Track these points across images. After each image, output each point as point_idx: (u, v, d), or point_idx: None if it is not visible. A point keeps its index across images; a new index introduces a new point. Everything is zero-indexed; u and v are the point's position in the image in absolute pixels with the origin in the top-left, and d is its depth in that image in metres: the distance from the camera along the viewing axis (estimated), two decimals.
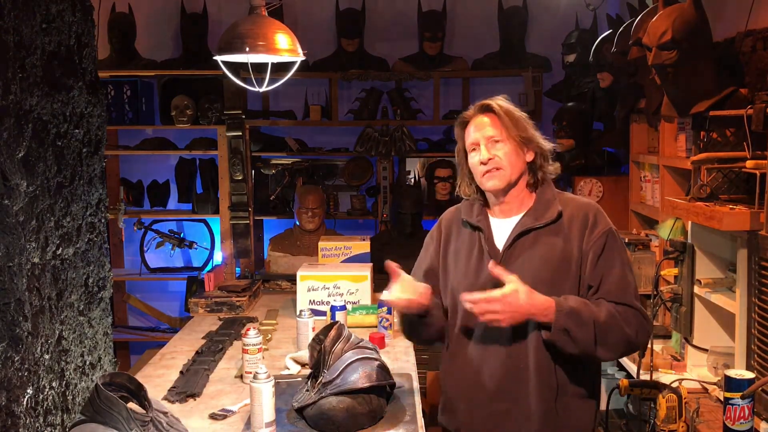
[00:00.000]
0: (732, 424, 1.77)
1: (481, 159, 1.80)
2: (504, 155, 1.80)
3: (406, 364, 2.46)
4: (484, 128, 1.83)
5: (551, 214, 1.80)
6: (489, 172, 1.80)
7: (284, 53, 2.58)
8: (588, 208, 1.82)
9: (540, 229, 1.80)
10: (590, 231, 1.78)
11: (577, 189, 3.43)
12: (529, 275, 1.72)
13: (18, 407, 1.48)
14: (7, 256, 1.44)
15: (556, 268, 1.76)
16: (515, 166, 1.81)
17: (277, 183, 4.37)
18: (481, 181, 1.84)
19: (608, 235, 1.77)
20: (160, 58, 4.32)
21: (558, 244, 1.78)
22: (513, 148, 1.81)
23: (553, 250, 1.77)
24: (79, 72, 1.80)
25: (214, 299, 3.17)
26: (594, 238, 1.77)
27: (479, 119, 1.85)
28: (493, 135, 1.81)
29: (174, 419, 1.75)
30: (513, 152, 1.80)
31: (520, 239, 1.80)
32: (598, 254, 1.76)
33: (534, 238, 1.79)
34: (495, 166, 1.79)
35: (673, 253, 2.38)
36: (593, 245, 1.76)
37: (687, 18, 2.22)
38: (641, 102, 3.04)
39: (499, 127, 1.81)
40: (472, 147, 1.84)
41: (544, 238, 1.79)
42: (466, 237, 1.90)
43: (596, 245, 1.76)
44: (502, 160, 1.79)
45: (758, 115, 1.96)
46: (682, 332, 2.41)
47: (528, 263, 1.77)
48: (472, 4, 4.35)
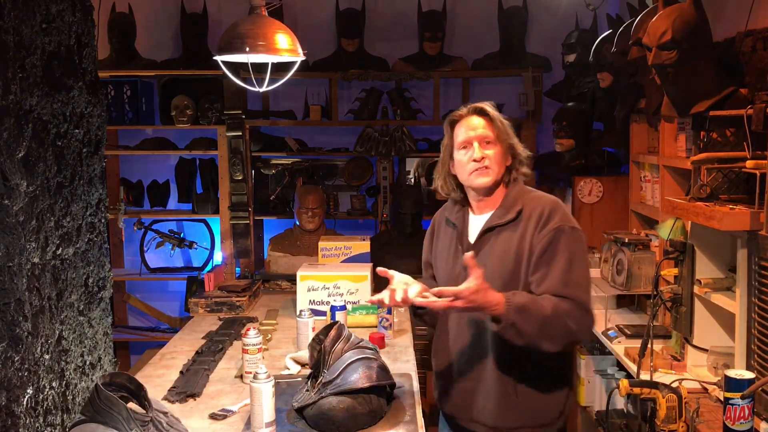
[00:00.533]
0: (732, 424, 1.77)
1: (475, 157, 1.95)
2: (493, 156, 1.97)
3: (406, 364, 2.46)
4: (478, 129, 1.97)
5: (512, 214, 1.96)
6: (479, 170, 1.96)
7: (284, 53, 2.58)
8: (544, 206, 1.96)
9: (502, 226, 1.97)
10: (540, 228, 1.92)
11: (577, 189, 3.43)
12: (489, 268, 1.86)
13: (18, 407, 1.48)
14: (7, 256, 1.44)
15: (512, 262, 1.92)
16: (501, 167, 1.99)
17: (277, 183, 4.37)
18: (469, 178, 1.99)
19: (556, 231, 1.90)
20: (160, 58, 4.32)
21: (514, 240, 1.94)
22: (500, 151, 1.98)
23: (510, 246, 1.94)
24: (79, 72, 1.80)
25: (214, 299, 3.17)
26: (542, 235, 1.91)
27: (473, 120, 1.99)
28: (486, 136, 1.97)
29: (174, 419, 1.75)
30: (500, 155, 1.98)
31: (485, 235, 1.99)
32: (543, 250, 1.89)
33: (496, 235, 1.97)
34: (485, 165, 1.96)
35: (673, 253, 2.38)
36: (540, 241, 1.90)
37: (687, 18, 2.22)
38: (641, 102, 3.04)
39: (492, 130, 1.97)
40: (463, 145, 1.98)
41: (504, 234, 1.96)
42: (448, 232, 2.11)
43: (542, 241, 1.90)
44: (491, 159, 1.96)
45: (758, 115, 1.96)
46: (682, 332, 2.41)
47: (489, 257, 1.94)
48: (472, 4, 4.35)
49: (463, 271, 1.86)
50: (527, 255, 1.92)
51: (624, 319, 3.07)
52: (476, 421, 2.02)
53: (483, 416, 2.00)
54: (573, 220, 1.97)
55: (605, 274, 2.94)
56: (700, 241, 2.33)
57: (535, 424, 1.98)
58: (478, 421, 2.01)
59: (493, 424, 1.99)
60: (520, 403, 1.95)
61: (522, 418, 1.97)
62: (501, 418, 1.98)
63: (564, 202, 3.66)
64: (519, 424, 1.98)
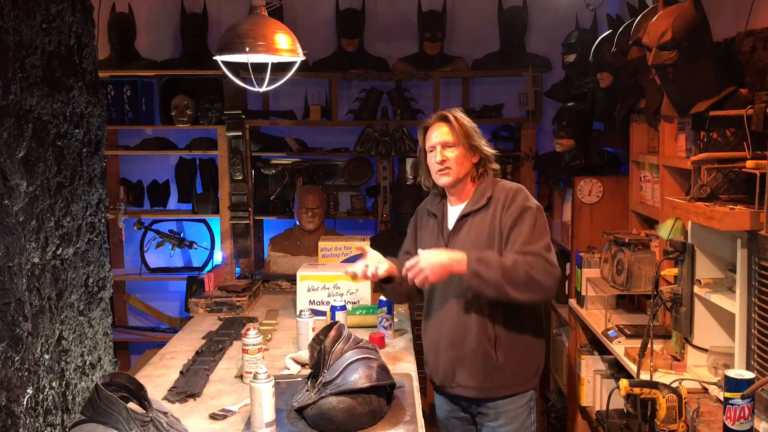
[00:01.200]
0: (732, 424, 1.77)
1: (437, 160, 2.29)
2: (454, 158, 2.29)
3: (406, 364, 2.46)
4: (441, 135, 2.30)
5: (483, 201, 2.30)
6: (441, 171, 2.30)
7: (284, 53, 2.58)
8: (509, 190, 2.30)
9: (475, 212, 2.30)
10: (507, 207, 2.26)
11: (577, 189, 3.43)
12: (465, 247, 2.21)
13: (18, 407, 1.48)
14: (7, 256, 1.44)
15: (485, 242, 2.25)
16: (463, 166, 2.30)
17: (277, 183, 4.37)
18: (435, 177, 2.34)
19: (521, 209, 2.24)
20: (160, 58, 4.32)
21: (486, 222, 2.28)
22: (462, 152, 2.29)
23: (482, 228, 2.28)
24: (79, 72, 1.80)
25: (214, 299, 3.17)
26: (509, 213, 2.24)
27: (438, 126, 2.32)
28: (447, 141, 2.29)
29: (174, 419, 1.75)
30: (461, 156, 2.29)
31: (461, 221, 2.33)
32: (511, 225, 2.23)
33: (470, 220, 2.31)
34: (447, 167, 2.29)
35: (673, 253, 2.38)
36: (507, 219, 2.24)
37: (687, 18, 2.22)
38: (641, 102, 3.04)
39: (452, 134, 2.29)
40: (431, 149, 2.32)
41: (477, 219, 2.30)
42: (430, 222, 2.44)
43: (509, 219, 2.24)
44: (452, 161, 2.28)
45: (758, 115, 1.96)
46: (682, 332, 2.40)
47: (465, 240, 2.29)
48: (472, 4, 4.35)
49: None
50: (498, 233, 2.24)
51: (624, 319, 3.07)
52: (463, 385, 2.31)
53: (469, 381, 2.29)
54: (534, 200, 2.30)
55: (605, 274, 2.94)
56: (700, 241, 2.33)
57: (516, 382, 2.30)
58: (465, 386, 2.30)
59: (479, 386, 2.28)
60: (501, 365, 2.26)
61: (504, 379, 2.28)
62: (486, 380, 2.27)
63: (564, 202, 3.71)
64: (501, 383, 2.28)
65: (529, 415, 2.35)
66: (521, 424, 2.33)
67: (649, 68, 2.37)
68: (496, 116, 4.20)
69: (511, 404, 2.31)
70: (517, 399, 2.32)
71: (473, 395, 2.32)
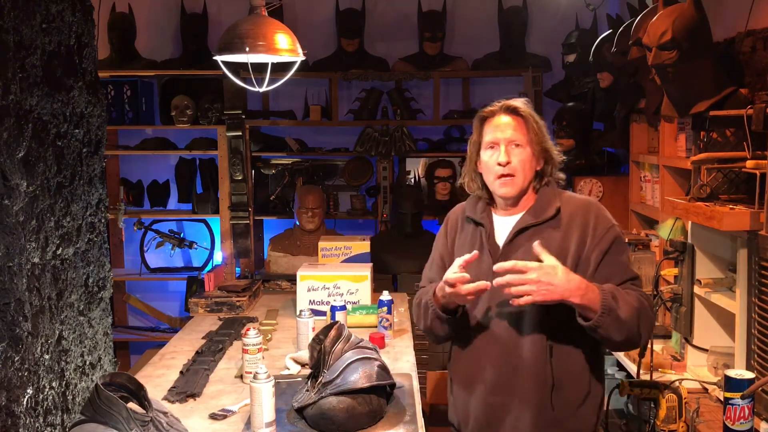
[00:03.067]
0: (732, 424, 1.77)
1: (500, 161, 1.81)
2: (520, 162, 1.82)
3: (406, 364, 2.46)
4: (507, 130, 1.83)
5: (550, 212, 1.83)
6: (503, 177, 1.82)
7: (284, 53, 2.58)
8: (587, 207, 1.85)
9: (539, 225, 1.83)
10: (593, 230, 1.80)
11: (577, 189, 3.43)
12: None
13: (18, 407, 1.48)
14: (7, 256, 1.44)
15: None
16: (528, 173, 1.85)
17: (277, 183, 4.37)
18: (493, 184, 1.86)
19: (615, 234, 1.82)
20: (160, 58, 4.32)
21: (556, 238, 1.80)
22: (530, 155, 1.84)
23: (551, 245, 1.77)
24: (79, 72, 1.80)
25: (214, 299, 3.17)
26: (598, 238, 1.79)
27: (503, 119, 1.85)
28: (515, 139, 1.82)
29: (174, 419, 1.75)
30: (529, 159, 1.84)
31: (519, 235, 1.83)
32: (604, 251, 1.79)
33: (532, 234, 1.81)
34: (510, 172, 1.82)
35: (673, 253, 2.38)
36: (598, 243, 1.79)
37: (687, 18, 2.22)
38: (641, 102, 3.04)
39: (522, 131, 1.83)
40: (490, 145, 1.85)
41: (543, 233, 1.81)
42: (470, 232, 1.93)
43: (602, 243, 1.79)
44: (517, 166, 1.82)
45: (758, 115, 1.96)
46: (682, 332, 2.40)
47: (525, 258, 1.74)
48: (472, 4, 4.35)
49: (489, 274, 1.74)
50: (573, 256, 1.78)
51: None
52: None
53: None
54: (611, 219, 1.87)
55: None
56: (700, 241, 2.33)
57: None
58: None
59: None
60: (557, 417, 1.79)
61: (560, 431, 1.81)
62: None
63: None
64: None
65: None
66: None
67: (649, 68, 2.37)
68: None
69: None
70: None
71: None
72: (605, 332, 1.68)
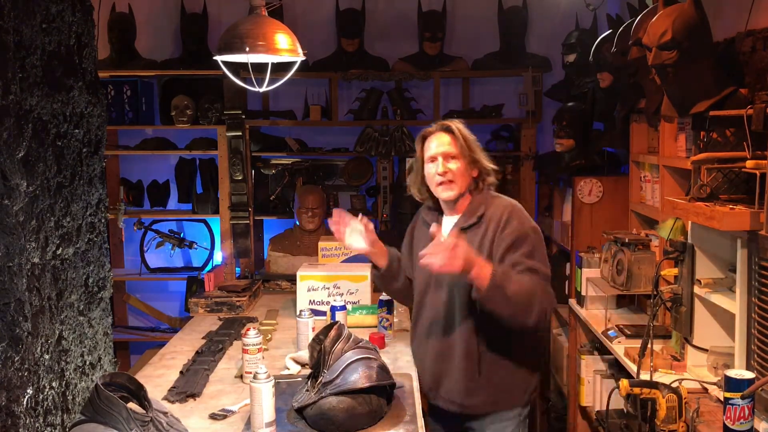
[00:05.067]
0: (732, 424, 1.77)
1: (439, 171, 2.22)
2: (456, 170, 2.23)
3: (406, 364, 2.46)
4: (444, 145, 2.23)
5: (474, 219, 2.25)
6: (443, 184, 2.24)
7: (284, 53, 2.58)
8: (504, 210, 2.23)
9: (466, 229, 2.25)
10: (502, 229, 2.19)
11: (577, 189, 3.43)
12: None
13: (18, 407, 1.48)
14: (7, 256, 1.44)
15: None
16: (464, 179, 2.25)
17: (277, 183, 4.37)
18: (436, 190, 2.27)
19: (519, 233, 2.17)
20: (160, 58, 4.32)
21: (476, 241, 2.21)
22: (464, 165, 2.24)
23: (474, 242, 2.19)
24: (79, 72, 1.80)
25: (214, 299, 3.17)
26: (504, 236, 2.18)
27: (440, 136, 2.25)
28: (450, 152, 2.23)
29: (174, 419, 1.75)
30: (463, 168, 2.24)
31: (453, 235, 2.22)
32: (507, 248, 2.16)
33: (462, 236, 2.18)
34: (449, 179, 2.22)
35: (673, 253, 2.38)
36: (502, 242, 2.18)
37: (687, 18, 2.22)
38: (641, 102, 3.04)
39: (456, 146, 2.23)
40: (431, 159, 2.25)
41: (468, 235, 2.22)
42: (425, 231, 2.30)
43: (505, 241, 2.17)
44: (455, 174, 2.22)
45: (758, 115, 1.96)
46: (682, 332, 2.40)
47: None
48: (472, 4, 4.35)
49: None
50: (488, 252, 2.18)
51: (624, 319, 3.07)
52: (446, 398, 2.29)
53: (451, 395, 2.27)
54: (531, 221, 2.25)
55: (605, 274, 2.94)
56: (700, 241, 2.33)
57: (498, 401, 2.26)
58: (448, 399, 2.29)
59: (460, 402, 2.26)
60: (483, 385, 2.22)
61: (486, 398, 2.24)
62: (467, 397, 2.24)
63: (564, 203, 3.70)
64: (481, 402, 2.25)
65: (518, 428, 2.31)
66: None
67: (649, 68, 2.37)
68: (496, 116, 4.20)
69: (495, 422, 2.28)
70: (501, 416, 2.28)
71: (456, 409, 2.29)
72: (493, 305, 2.05)
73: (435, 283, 2.30)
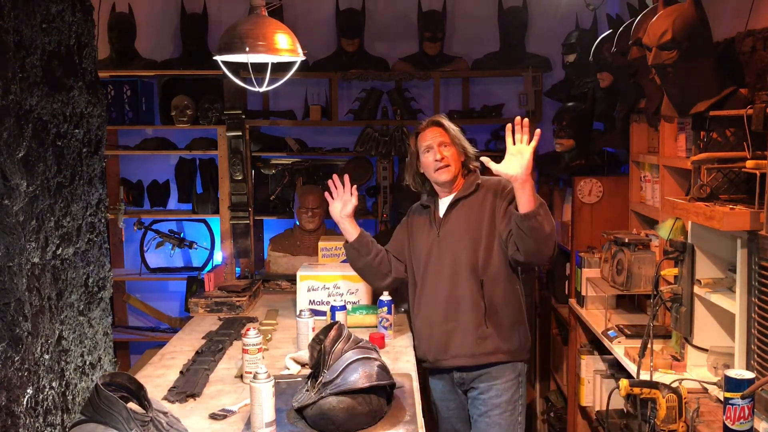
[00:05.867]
0: (732, 424, 1.77)
1: (436, 157, 2.54)
2: (450, 155, 2.57)
3: (406, 364, 2.46)
4: (437, 136, 2.58)
5: (472, 188, 2.58)
6: (441, 168, 2.55)
7: (284, 53, 2.58)
8: (500, 180, 2.51)
9: (464, 198, 2.57)
10: (501, 191, 2.53)
11: (577, 189, 3.43)
12: (458, 228, 2.55)
13: (18, 407, 1.48)
14: (7, 256, 1.44)
15: (474, 221, 2.53)
16: (457, 162, 2.59)
17: (277, 183, 4.37)
18: (434, 175, 2.57)
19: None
20: (160, 58, 4.32)
21: (475, 205, 2.56)
22: (455, 151, 2.59)
23: (472, 210, 2.55)
24: (79, 72, 1.80)
25: (214, 299, 3.17)
26: (504, 194, 2.51)
27: (432, 129, 2.60)
28: (443, 141, 2.57)
29: (174, 419, 1.75)
30: (455, 153, 2.59)
31: (452, 207, 2.59)
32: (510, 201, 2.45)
33: (461, 205, 2.58)
34: (445, 164, 2.55)
35: (673, 253, 2.38)
36: (505, 198, 2.50)
37: (687, 18, 2.22)
38: (641, 102, 3.04)
39: (447, 136, 2.58)
40: (428, 148, 2.57)
41: (466, 203, 2.57)
42: (423, 213, 2.70)
43: (508, 197, 2.48)
44: (449, 159, 2.56)
45: (758, 115, 1.95)
46: (682, 332, 2.40)
47: (456, 222, 2.57)
48: (472, 4, 4.35)
49: (437, 237, 2.58)
50: (488, 216, 2.52)
51: (624, 319, 3.07)
52: (456, 355, 2.52)
53: (463, 349, 2.50)
54: None
55: (605, 274, 2.94)
56: (700, 241, 2.33)
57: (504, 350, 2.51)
58: (459, 355, 2.52)
59: (471, 352, 2.50)
60: (490, 333, 2.49)
61: (493, 346, 2.50)
62: (478, 346, 2.49)
63: (564, 203, 3.71)
64: (492, 348, 2.49)
65: (518, 389, 2.57)
66: (511, 397, 2.54)
67: (649, 68, 2.37)
68: (496, 116, 4.20)
69: (500, 374, 2.53)
70: (507, 368, 2.54)
71: (466, 363, 2.52)
72: (540, 221, 2.29)
73: (437, 251, 2.57)
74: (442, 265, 2.56)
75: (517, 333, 2.58)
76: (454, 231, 2.56)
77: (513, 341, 2.56)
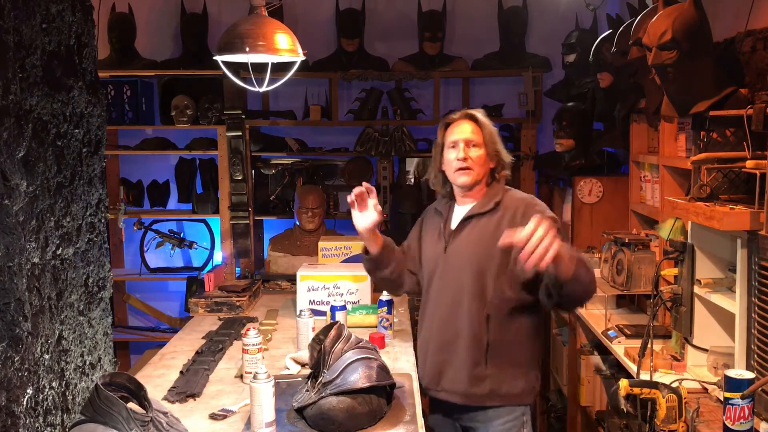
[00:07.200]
0: (732, 424, 1.77)
1: (458, 156, 2.21)
2: (476, 158, 2.22)
3: (406, 364, 2.46)
4: (466, 132, 2.23)
5: (491, 204, 2.23)
6: (462, 170, 2.22)
7: (284, 53, 2.58)
8: (523, 200, 2.24)
9: (481, 215, 2.23)
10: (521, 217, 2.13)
11: (577, 189, 3.43)
12: (466, 251, 2.21)
13: (18, 407, 1.48)
14: (7, 256, 1.44)
15: (486, 245, 2.16)
16: (482, 168, 2.24)
17: (277, 183, 4.37)
18: (453, 175, 2.25)
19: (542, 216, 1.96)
20: (160, 58, 4.32)
21: (490, 227, 2.19)
22: (484, 154, 2.24)
23: (486, 231, 2.19)
24: (79, 72, 1.80)
25: (214, 299, 3.17)
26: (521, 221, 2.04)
27: (464, 124, 2.25)
28: (472, 139, 2.22)
29: (174, 419, 1.75)
30: (483, 157, 2.23)
31: (464, 222, 2.25)
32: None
33: (475, 222, 2.23)
34: (468, 166, 2.21)
35: (673, 253, 2.38)
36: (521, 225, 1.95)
37: (687, 18, 2.22)
38: (641, 102, 3.04)
39: (478, 134, 2.23)
40: (452, 144, 2.24)
41: (482, 221, 2.22)
42: (435, 219, 2.37)
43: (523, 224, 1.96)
44: (474, 161, 2.21)
45: (758, 115, 1.96)
46: (682, 332, 2.40)
47: (466, 241, 2.23)
48: (472, 4, 4.35)
49: (443, 253, 2.26)
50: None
51: (624, 319, 3.07)
52: (448, 390, 2.24)
53: (454, 385, 2.22)
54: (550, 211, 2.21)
55: (605, 274, 2.94)
56: (700, 241, 2.33)
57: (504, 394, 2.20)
58: (450, 390, 2.24)
59: (463, 391, 2.21)
60: (489, 374, 2.18)
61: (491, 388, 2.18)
62: (471, 386, 2.19)
63: (564, 203, 3.71)
64: (487, 392, 2.19)
65: (522, 429, 2.24)
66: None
67: (649, 68, 2.37)
68: (496, 116, 4.20)
69: (497, 416, 2.21)
70: (504, 412, 2.21)
71: (457, 401, 2.24)
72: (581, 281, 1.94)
73: (442, 270, 2.26)
74: (445, 287, 2.26)
75: (523, 377, 2.22)
76: (461, 253, 2.22)
77: (516, 385, 2.21)
